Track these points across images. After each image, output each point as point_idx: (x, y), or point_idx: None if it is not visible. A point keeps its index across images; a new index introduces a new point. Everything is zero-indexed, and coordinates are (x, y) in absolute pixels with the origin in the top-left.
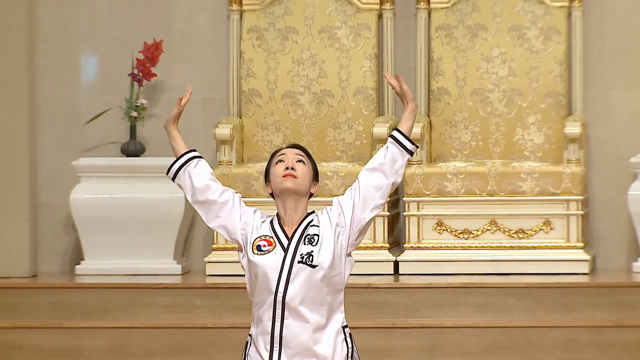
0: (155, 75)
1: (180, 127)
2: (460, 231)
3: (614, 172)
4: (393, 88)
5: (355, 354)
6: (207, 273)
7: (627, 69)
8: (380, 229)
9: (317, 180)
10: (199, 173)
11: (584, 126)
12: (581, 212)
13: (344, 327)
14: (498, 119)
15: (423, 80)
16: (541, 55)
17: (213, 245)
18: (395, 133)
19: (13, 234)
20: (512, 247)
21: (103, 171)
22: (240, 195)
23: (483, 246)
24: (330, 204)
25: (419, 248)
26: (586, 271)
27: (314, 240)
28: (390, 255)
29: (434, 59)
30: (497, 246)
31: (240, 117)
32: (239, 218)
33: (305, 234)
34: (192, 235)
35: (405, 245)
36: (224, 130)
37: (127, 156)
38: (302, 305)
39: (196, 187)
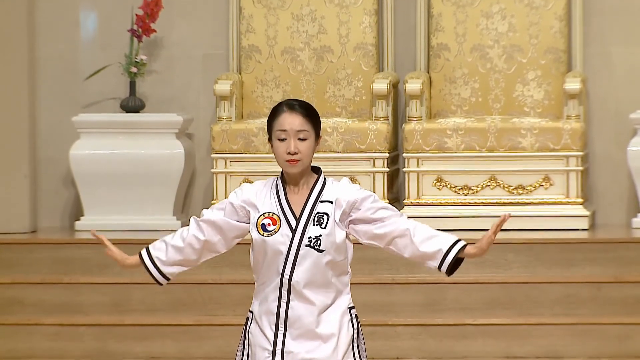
0: (155, 31)
1: (180, 84)
2: (460, 187)
3: (613, 128)
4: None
5: (360, 336)
6: None
7: (627, 25)
8: (380, 185)
9: (320, 136)
10: (173, 249)
11: (583, 82)
12: (581, 168)
13: (350, 309)
14: (498, 75)
15: (423, 36)
16: (541, 11)
17: (212, 201)
18: (452, 252)
19: (13, 190)
20: (511, 203)
21: (102, 127)
22: (204, 215)
23: (483, 202)
24: (329, 160)
25: (418, 204)
26: (586, 227)
27: (323, 221)
28: None
29: (433, 14)
30: (497, 202)
31: (240, 73)
32: (231, 219)
33: (314, 212)
34: (192, 191)
35: (405, 201)
36: (223, 86)
37: (127, 112)
38: (308, 288)
39: (187, 255)
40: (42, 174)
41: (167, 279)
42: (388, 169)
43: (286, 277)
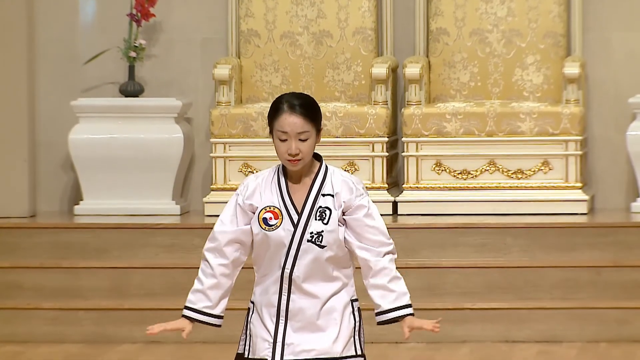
0: (154, 15)
1: (179, 68)
2: (459, 172)
3: (612, 112)
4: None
5: (361, 329)
6: (205, 213)
7: (627, 10)
8: (379, 170)
9: (321, 130)
10: (212, 290)
11: (582, 66)
12: (580, 152)
13: (352, 301)
14: (497, 59)
15: (422, 21)
16: None
17: (212, 186)
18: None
19: (12, 174)
20: (510, 188)
21: (101, 111)
22: (216, 235)
23: (482, 186)
24: (328, 145)
25: (417, 188)
26: (585, 211)
27: (325, 215)
28: (389, 195)
29: None
30: (496, 186)
31: (239, 58)
32: (244, 225)
33: (316, 205)
34: (191, 175)
35: (404, 185)
36: (222, 71)
37: (126, 96)
38: (308, 282)
39: (224, 285)
40: (41, 159)
41: (222, 317)
42: (387, 154)
43: (287, 271)
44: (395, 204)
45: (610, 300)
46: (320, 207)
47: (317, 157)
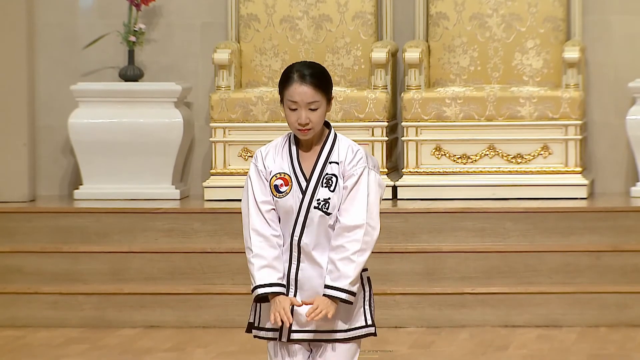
0: None
1: (178, 53)
2: (458, 156)
3: (612, 96)
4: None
5: (372, 299)
6: (205, 198)
7: None
8: (379, 154)
9: (331, 100)
10: (278, 259)
11: (582, 51)
12: (579, 137)
13: (362, 271)
14: (497, 43)
15: (421, 5)
16: None
17: (211, 170)
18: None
19: (12, 158)
20: (510, 172)
21: (101, 96)
22: (259, 202)
23: (481, 171)
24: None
25: (417, 173)
26: (584, 196)
27: (332, 182)
28: (389, 180)
29: None
30: (496, 171)
31: (239, 42)
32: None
33: (324, 173)
34: (191, 160)
35: (403, 170)
36: (222, 55)
37: (125, 81)
38: (317, 250)
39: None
40: (41, 142)
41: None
42: (387, 138)
43: (296, 238)
44: (394, 189)
45: (609, 284)
46: (327, 174)
47: (327, 125)
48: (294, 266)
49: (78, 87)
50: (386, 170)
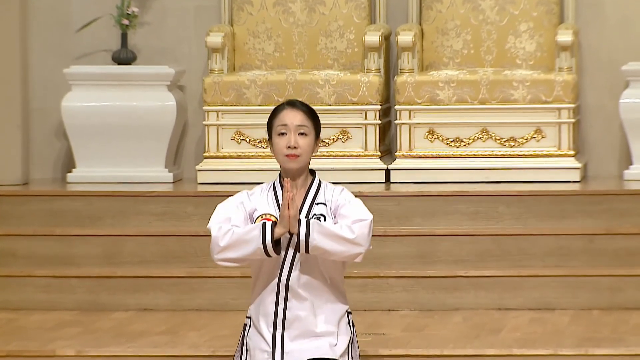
0: None
1: (172, 36)
2: (451, 139)
3: (606, 79)
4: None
5: (355, 342)
6: (198, 181)
7: None
8: (372, 138)
9: (319, 137)
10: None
11: (575, 34)
12: (573, 120)
13: (348, 313)
14: (490, 26)
15: None
16: None
17: (205, 154)
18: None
19: (5, 141)
20: (503, 155)
21: (94, 79)
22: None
23: (474, 154)
24: (321, 113)
25: (410, 156)
26: (577, 179)
27: (320, 222)
28: (382, 163)
29: None
30: (489, 154)
31: (232, 25)
32: (244, 216)
33: (311, 214)
34: (184, 143)
35: (396, 153)
36: (215, 38)
37: (119, 64)
38: (304, 289)
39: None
40: (34, 126)
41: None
42: (380, 121)
43: (284, 277)
44: (387, 172)
45: (603, 267)
46: (315, 214)
47: (312, 173)
48: (280, 305)
49: (71, 70)
50: (379, 153)
